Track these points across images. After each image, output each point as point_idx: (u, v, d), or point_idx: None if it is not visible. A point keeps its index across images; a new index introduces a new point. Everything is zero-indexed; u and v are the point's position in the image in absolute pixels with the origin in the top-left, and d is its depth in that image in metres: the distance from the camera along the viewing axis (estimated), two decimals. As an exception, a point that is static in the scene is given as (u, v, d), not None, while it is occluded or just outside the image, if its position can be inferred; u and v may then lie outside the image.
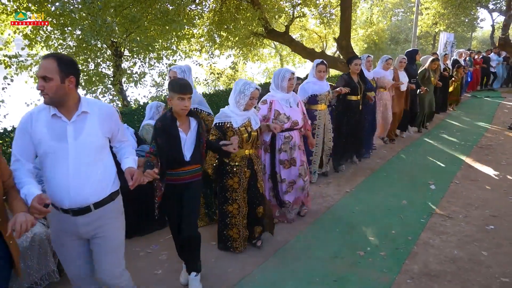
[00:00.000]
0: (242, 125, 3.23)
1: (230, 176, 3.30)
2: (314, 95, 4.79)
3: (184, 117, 2.78)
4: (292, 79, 3.81)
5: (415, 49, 7.84)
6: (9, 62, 7.31)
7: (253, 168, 3.39)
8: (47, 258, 2.92)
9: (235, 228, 3.38)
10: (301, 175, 3.96)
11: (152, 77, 8.56)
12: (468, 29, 28.23)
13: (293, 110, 3.90)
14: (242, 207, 3.36)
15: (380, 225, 3.99)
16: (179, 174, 2.78)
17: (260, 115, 3.72)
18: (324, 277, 3.12)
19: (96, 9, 5.84)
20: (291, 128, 3.88)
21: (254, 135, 3.32)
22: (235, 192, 3.31)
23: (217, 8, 10.81)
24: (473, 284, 2.97)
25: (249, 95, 3.16)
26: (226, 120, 3.21)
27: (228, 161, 3.29)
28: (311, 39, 18.54)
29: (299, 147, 3.97)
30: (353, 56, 5.46)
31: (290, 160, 3.89)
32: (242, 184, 3.32)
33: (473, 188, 4.89)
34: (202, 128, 2.84)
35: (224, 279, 3.12)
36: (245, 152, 3.32)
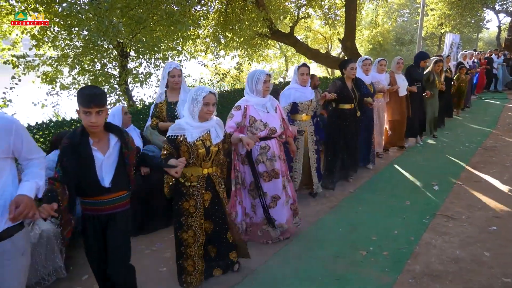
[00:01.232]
0: (198, 139, 2.77)
1: (186, 198, 2.83)
2: (295, 103, 4.30)
3: (101, 133, 2.30)
4: (268, 82, 3.41)
5: (425, 54, 7.15)
6: (17, 62, 7.39)
7: (214, 189, 2.93)
8: (54, 254, 2.98)
9: (190, 259, 2.91)
10: (284, 187, 3.62)
11: (158, 77, 8.61)
12: (474, 30, 28.14)
13: (271, 116, 3.48)
14: (199, 235, 2.89)
15: (382, 225, 4.01)
16: (98, 203, 2.32)
17: (234, 123, 3.38)
18: (326, 276, 3.15)
19: (103, 10, 5.90)
20: (269, 136, 3.49)
21: (213, 150, 2.83)
22: (191, 217, 2.85)
23: (222, 9, 10.86)
24: (475, 284, 2.98)
25: (201, 101, 2.70)
26: (180, 133, 2.76)
27: (183, 181, 2.83)
28: (316, 40, 18.56)
29: (279, 157, 3.58)
30: (348, 59, 4.97)
31: (270, 172, 3.50)
32: (199, 209, 2.86)
33: (476, 189, 4.90)
34: (128, 145, 2.37)
35: (228, 277, 3.16)
36: (202, 172, 2.85)
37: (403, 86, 6.28)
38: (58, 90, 7.78)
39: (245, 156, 3.44)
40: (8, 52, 7.84)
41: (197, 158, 2.77)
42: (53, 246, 2.98)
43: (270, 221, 3.53)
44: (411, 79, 6.54)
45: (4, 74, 7.47)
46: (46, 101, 7.75)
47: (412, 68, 6.71)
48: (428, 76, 7.09)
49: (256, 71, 3.44)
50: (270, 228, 3.57)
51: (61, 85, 7.74)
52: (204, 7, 10.25)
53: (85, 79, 7.71)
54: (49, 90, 7.70)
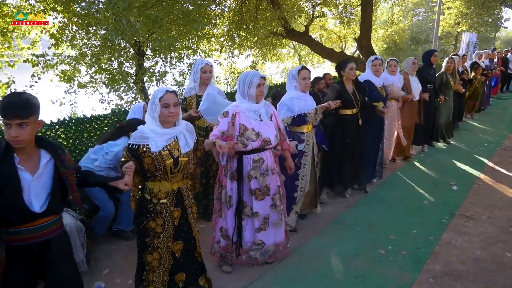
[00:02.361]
0: (164, 148, 2.37)
1: (152, 217, 2.43)
2: (302, 114, 3.66)
3: (31, 150, 1.95)
4: (262, 85, 2.96)
5: (431, 49, 6.61)
6: (36, 61, 7.54)
7: (183, 205, 2.53)
8: (76, 248, 3.02)
9: (151, 286, 2.51)
10: (275, 205, 3.13)
11: (173, 76, 8.69)
12: (491, 29, 27.61)
13: (264, 124, 3.00)
14: (165, 259, 2.50)
15: (400, 224, 3.98)
16: (26, 231, 1.96)
17: (218, 131, 2.92)
18: (345, 274, 3.14)
19: (121, 9, 5.97)
20: (262, 147, 3.00)
21: (183, 161, 2.42)
22: (157, 238, 2.45)
23: (237, 8, 10.89)
24: (496, 285, 2.94)
25: (159, 104, 2.30)
26: (143, 143, 2.35)
27: (149, 197, 2.44)
28: (330, 39, 18.46)
29: (273, 171, 3.10)
30: (345, 59, 4.36)
31: (263, 189, 3.03)
32: (168, 229, 2.47)
33: (496, 190, 4.82)
34: (64, 163, 2.04)
35: (246, 275, 3.17)
36: (171, 187, 2.45)
37: (416, 90, 5.81)
38: (76, 89, 7.90)
39: (234, 170, 2.99)
40: (27, 51, 8.01)
41: (165, 171, 2.36)
42: (75, 240, 3.02)
43: (237, 249, 3.10)
44: (423, 80, 6.00)
45: (24, 73, 7.62)
46: (64, 99, 7.87)
47: (423, 69, 6.14)
48: (442, 77, 6.63)
49: (249, 72, 3.02)
50: (258, 254, 3.17)
51: (78, 83, 7.86)
52: (219, 6, 10.30)
53: (102, 78, 7.81)
54: (67, 88, 7.82)
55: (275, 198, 3.12)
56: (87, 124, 3.99)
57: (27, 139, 1.85)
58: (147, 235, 2.44)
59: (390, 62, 5.45)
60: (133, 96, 7.92)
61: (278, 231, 3.20)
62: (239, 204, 3.02)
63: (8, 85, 7.22)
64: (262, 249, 3.16)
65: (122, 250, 3.59)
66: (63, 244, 2.15)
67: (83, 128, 3.94)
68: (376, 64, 4.92)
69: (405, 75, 5.74)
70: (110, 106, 7.93)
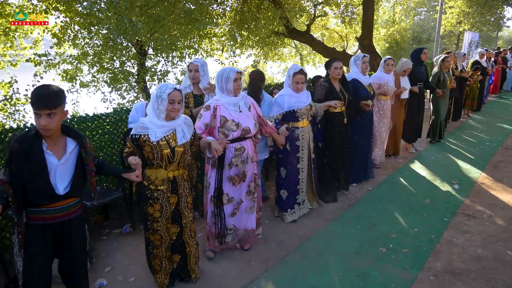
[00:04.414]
0: (162, 139, 2.60)
1: (150, 203, 2.68)
2: (292, 110, 3.83)
3: (58, 137, 2.12)
4: (238, 80, 3.14)
5: (420, 47, 6.53)
6: (38, 60, 7.56)
7: (177, 193, 2.78)
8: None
9: (157, 259, 2.84)
10: (250, 192, 3.36)
11: (175, 75, 8.70)
12: (493, 28, 27.57)
13: (243, 115, 3.21)
14: (166, 238, 2.80)
15: (402, 223, 3.98)
16: (49, 211, 2.14)
17: (202, 123, 3.10)
18: (346, 272, 3.14)
19: (123, 8, 5.98)
20: (242, 136, 3.21)
21: (179, 151, 2.65)
22: (156, 222, 2.72)
23: (239, 7, 10.88)
24: (498, 283, 2.94)
25: (166, 99, 2.52)
26: (143, 132, 2.59)
27: (147, 184, 2.68)
28: (332, 38, 18.43)
29: (252, 159, 3.33)
30: (332, 58, 4.40)
31: (241, 175, 3.25)
32: (166, 213, 2.73)
33: (498, 189, 4.82)
34: (87, 151, 2.20)
35: (247, 272, 3.18)
36: (167, 174, 2.68)
37: (406, 89, 5.85)
38: (78, 88, 7.91)
39: (216, 159, 3.15)
40: (30, 51, 8.03)
41: (162, 159, 2.60)
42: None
43: (220, 236, 3.31)
44: (414, 79, 5.98)
45: (26, 72, 7.64)
46: (66, 99, 7.88)
47: (413, 66, 5.91)
48: (438, 76, 6.56)
49: (225, 69, 3.18)
50: (229, 239, 3.39)
51: (80, 82, 7.87)
52: (220, 6, 10.29)
53: (104, 77, 7.82)
54: (69, 88, 7.83)
55: (250, 185, 3.34)
56: (89, 123, 4.00)
57: (55, 127, 2.03)
58: (147, 219, 2.72)
59: (388, 61, 5.42)
60: (134, 95, 7.94)
61: (249, 218, 3.42)
62: (218, 191, 3.21)
63: (10, 85, 7.24)
64: (233, 234, 3.40)
65: (124, 248, 3.61)
66: (81, 224, 2.35)
67: (85, 127, 3.96)
68: (365, 61, 4.90)
69: (396, 75, 5.75)
70: (112, 105, 7.95)
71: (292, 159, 3.93)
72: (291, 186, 3.99)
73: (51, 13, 7.05)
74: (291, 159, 3.92)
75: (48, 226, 2.16)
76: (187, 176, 2.87)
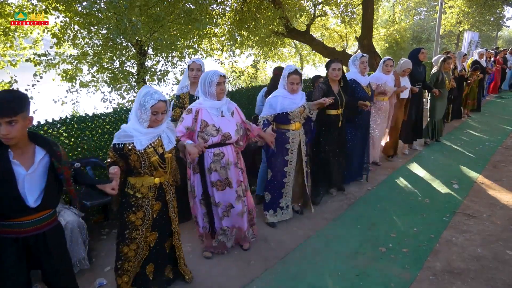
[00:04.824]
0: (149, 146, 2.51)
1: (133, 210, 2.57)
2: (284, 113, 3.74)
3: (25, 145, 1.99)
4: (222, 84, 3.06)
5: (418, 47, 6.45)
6: (38, 60, 7.56)
7: (164, 199, 2.71)
8: (78, 245, 3.05)
9: (125, 275, 2.65)
10: (239, 197, 3.30)
11: (175, 75, 8.71)
12: (493, 28, 27.61)
13: (225, 120, 3.14)
14: (142, 250, 2.64)
15: (401, 222, 3.99)
16: (21, 225, 2.01)
17: (183, 127, 3.04)
18: (345, 271, 3.15)
19: (122, 8, 5.98)
20: (222, 142, 3.15)
21: (168, 157, 2.60)
22: (135, 230, 2.60)
23: (238, 7, 10.88)
24: (497, 282, 2.94)
25: (150, 110, 2.41)
26: (127, 141, 2.47)
27: (132, 192, 2.57)
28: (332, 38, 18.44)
29: (236, 165, 3.26)
30: (332, 59, 4.30)
31: (224, 181, 3.21)
32: (147, 221, 2.62)
33: (497, 188, 4.82)
34: (60, 159, 2.08)
35: (247, 271, 3.18)
36: (154, 181, 2.60)
37: (406, 89, 5.76)
38: (78, 88, 7.92)
39: (196, 164, 3.15)
40: (29, 51, 8.03)
41: (149, 167, 2.51)
42: (77, 238, 3.04)
43: (213, 233, 3.32)
44: (413, 79, 5.94)
45: (26, 72, 7.65)
46: (66, 99, 7.89)
47: (412, 67, 5.75)
48: (437, 76, 6.51)
49: (208, 72, 3.09)
50: (225, 239, 3.39)
51: (80, 82, 7.88)
52: (220, 6, 10.29)
53: (104, 77, 7.83)
54: (69, 88, 7.84)
55: (238, 190, 3.29)
56: (88, 123, 3.99)
57: (17, 136, 1.88)
58: (126, 227, 2.58)
59: (387, 61, 5.37)
60: (134, 95, 7.94)
61: (242, 220, 3.39)
62: (205, 194, 3.20)
63: (10, 84, 7.24)
64: (228, 233, 3.40)
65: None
66: (59, 236, 2.22)
67: (84, 127, 3.95)
68: (364, 61, 4.81)
69: (396, 75, 5.66)
70: (112, 105, 7.95)
71: (280, 161, 3.85)
72: (275, 189, 3.93)
73: (51, 13, 7.06)
74: (278, 161, 3.85)
75: (21, 239, 2.04)
76: (172, 181, 2.81)
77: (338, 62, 4.22)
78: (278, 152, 3.80)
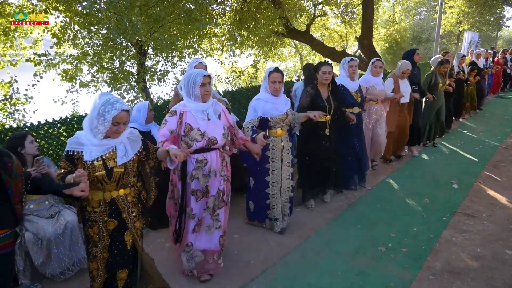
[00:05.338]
0: (98, 158, 2.22)
1: (89, 224, 2.33)
2: (264, 118, 3.51)
3: None
4: (207, 84, 2.82)
5: (412, 48, 6.13)
6: (38, 60, 7.57)
7: (120, 217, 2.35)
8: (78, 245, 3.05)
9: None
10: (208, 208, 2.96)
11: (175, 75, 8.72)
12: (493, 28, 27.58)
13: (212, 123, 2.88)
14: (101, 270, 2.37)
15: (401, 222, 3.99)
16: None
17: (167, 130, 2.78)
18: (345, 271, 3.15)
19: (122, 8, 5.99)
20: (208, 147, 2.88)
21: (118, 172, 2.27)
22: (95, 247, 2.34)
23: (238, 7, 10.90)
24: (497, 282, 2.95)
25: (111, 121, 2.15)
26: (77, 149, 2.21)
27: (84, 204, 2.32)
28: (332, 38, 18.45)
29: (219, 173, 2.96)
30: (321, 62, 4.05)
31: (203, 190, 2.92)
32: (103, 239, 2.33)
33: (497, 188, 4.82)
34: (10, 171, 1.91)
35: (247, 271, 3.18)
36: (103, 196, 2.29)
37: (405, 93, 5.46)
38: (78, 88, 7.94)
39: (179, 170, 2.88)
40: (30, 51, 8.04)
41: (94, 181, 2.22)
42: (77, 237, 3.05)
43: (178, 238, 2.97)
44: (408, 82, 5.64)
45: (26, 72, 7.66)
46: (66, 98, 7.91)
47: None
48: (430, 78, 6.30)
49: (192, 72, 2.83)
50: (184, 258, 3.01)
51: (80, 82, 7.90)
52: (220, 6, 10.31)
53: (104, 77, 7.84)
54: (69, 88, 7.85)
55: (211, 200, 2.96)
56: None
57: None
58: (88, 241, 2.36)
59: (375, 62, 5.05)
60: (134, 95, 7.96)
61: (210, 238, 3.01)
62: (182, 203, 2.91)
63: (10, 84, 7.25)
64: (189, 252, 2.99)
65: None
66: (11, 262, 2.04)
67: (84, 127, 3.96)
68: (353, 65, 4.51)
69: (395, 78, 5.40)
70: (112, 105, 7.94)
71: (260, 170, 3.62)
72: (259, 199, 3.72)
73: (51, 13, 7.07)
74: (259, 170, 3.62)
75: None
76: (134, 197, 2.43)
77: (329, 65, 3.97)
78: (259, 160, 3.46)
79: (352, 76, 4.54)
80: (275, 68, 3.52)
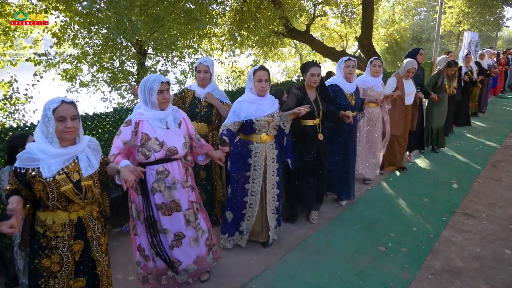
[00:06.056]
0: (60, 172, 1.95)
1: (46, 254, 2.00)
2: (248, 121, 3.21)
3: None
4: (165, 91, 2.59)
5: (416, 48, 5.70)
6: (38, 60, 7.58)
7: (85, 237, 2.12)
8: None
9: None
10: (189, 222, 2.79)
11: (175, 75, 8.73)
12: (493, 28, 27.62)
13: (171, 132, 2.65)
14: None
15: (401, 222, 4.00)
16: None
17: (121, 141, 2.53)
18: (345, 271, 3.15)
19: (122, 8, 5.99)
20: (168, 158, 2.65)
21: (87, 185, 2.03)
22: (54, 279, 2.02)
23: (238, 7, 10.90)
24: (496, 281, 2.95)
25: (52, 117, 1.90)
26: (31, 166, 1.91)
27: (42, 230, 2.00)
28: (332, 38, 18.46)
29: (183, 184, 2.76)
30: (309, 62, 3.76)
31: (169, 204, 2.69)
32: (68, 265, 2.04)
33: (497, 188, 4.83)
34: None
35: (247, 271, 3.19)
36: (69, 217, 2.03)
37: (410, 94, 5.09)
38: (78, 87, 7.95)
39: (137, 183, 2.64)
40: (30, 50, 8.05)
41: (59, 199, 1.95)
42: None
43: (172, 267, 2.78)
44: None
45: (26, 72, 7.66)
46: (66, 98, 7.90)
47: None
48: (436, 79, 6.04)
49: (149, 77, 2.60)
50: (176, 274, 2.85)
51: (80, 82, 7.91)
52: (220, 6, 10.31)
53: (104, 76, 7.85)
54: (69, 87, 7.87)
55: (187, 214, 2.78)
56: (89, 122, 4.00)
57: None
58: (40, 276, 2.01)
59: (374, 61, 4.70)
60: (134, 95, 7.95)
61: (197, 249, 2.88)
62: (150, 220, 2.68)
63: (10, 84, 7.26)
64: (179, 268, 2.82)
65: (124, 247, 3.61)
66: None
67: (84, 126, 3.95)
68: (350, 65, 4.17)
69: (399, 78, 5.04)
70: (112, 105, 7.97)
71: (240, 177, 3.34)
72: (235, 208, 3.41)
73: (51, 13, 7.08)
74: (239, 177, 3.34)
75: None
76: (98, 212, 2.21)
77: (318, 66, 3.68)
78: (239, 167, 3.30)
79: (348, 77, 4.20)
80: (260, 66, 3.26)
